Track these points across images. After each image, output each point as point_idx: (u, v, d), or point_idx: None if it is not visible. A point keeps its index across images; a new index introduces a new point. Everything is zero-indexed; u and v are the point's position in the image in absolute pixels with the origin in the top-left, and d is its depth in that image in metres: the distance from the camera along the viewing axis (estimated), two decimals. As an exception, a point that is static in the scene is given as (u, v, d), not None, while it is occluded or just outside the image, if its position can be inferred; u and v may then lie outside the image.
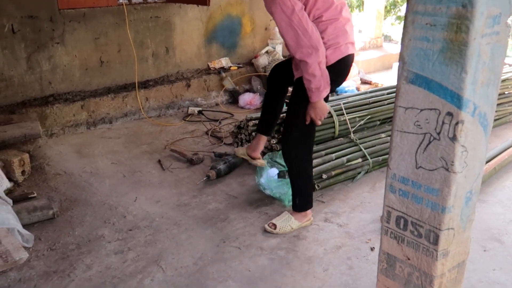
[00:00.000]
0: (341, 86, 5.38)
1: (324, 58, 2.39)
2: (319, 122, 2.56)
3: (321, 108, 2.50)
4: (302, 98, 2.52)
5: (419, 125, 1.29)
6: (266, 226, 2.77)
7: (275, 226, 2.76)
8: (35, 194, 3.11)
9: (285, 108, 2.87)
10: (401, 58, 1.29)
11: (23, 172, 3.39)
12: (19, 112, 4.00)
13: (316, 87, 2.40)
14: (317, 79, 2.38)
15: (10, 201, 2.84)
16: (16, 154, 3.41)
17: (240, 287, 2.32)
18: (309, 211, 2.83)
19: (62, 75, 4.38)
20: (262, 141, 3.02)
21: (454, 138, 1.22)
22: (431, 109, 1.25)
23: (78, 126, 4.38)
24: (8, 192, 3.11)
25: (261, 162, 3.07)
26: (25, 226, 2.71)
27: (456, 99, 1.19)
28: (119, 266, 2.48)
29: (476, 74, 1.17)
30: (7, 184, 3.18)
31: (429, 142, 1.27)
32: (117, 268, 2.46)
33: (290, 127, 2.66)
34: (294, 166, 2.71)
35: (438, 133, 1.25)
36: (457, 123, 1.20)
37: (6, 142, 3.50)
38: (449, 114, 1.21)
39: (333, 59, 2.47)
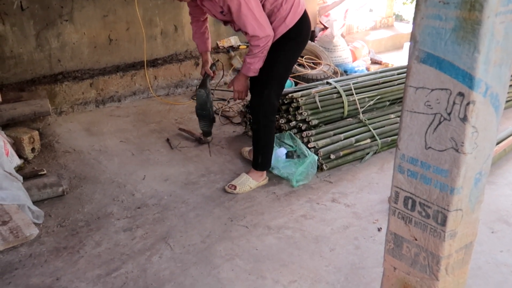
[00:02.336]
0: (351, 66, 5.34)
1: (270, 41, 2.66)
2: (236, 96, 2.91)
3: (244, 84, 2.84)
4: (273, 59, 2.74)
5: (429, 105, 1.27)
6: (226, 187, 2.98)
7: (234, 187, 2.96)
8: (45, 171, 3.14)
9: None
10: (413, 37, 1.26)
11: (33, 150, 3.41)
12: (29, 89, 4.01)
13: (251, 64, 2.69)
14: (256, 59, 2.68)
15: (21, 178, 2.86)
16: (26, 131, 3.43)
17: (247, 265, 2.34)
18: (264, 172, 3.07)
19: (71, 53, 4.38)
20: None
21: (465, 119, 1.20)
22: (442, 89, 1.23)
23: (87, 104, 4.39)
24: (18, 169, 3.14)
25: None
26: (35, 202, 2.75)
27: (468, 79, 1.16)
28: (127, 243, 2.51)
29: (489, 53, 1.15)
30: (17, 161, 3.21)
31: (439, 123, 1.26)
32: (125, 245, 2.49)
33: (262, 85, 2.82)
34: (262, 124, 2.90)
35: (449, 114, 1.23)
36: (468, 104, 1.18)
37: (16, 119, 3.52)
38: (461, 94, 1.19)
39: (291, 23, 2.72)
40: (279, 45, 2.74)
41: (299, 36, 2.81)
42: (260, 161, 3.00)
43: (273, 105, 2.89)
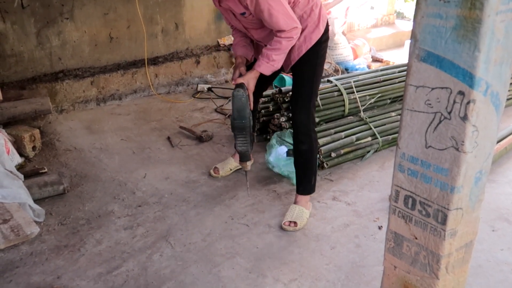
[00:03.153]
0: (352, 64, 5.34)
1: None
2: (250, 94, 2.51)
3: (253, 80, 2.49)
4: (313, 67, 2.57)
5: (429, 104, 1.27)
6: (285, 226, 2.61)
7: (295, 223, 2.61)
8: (45, 170, 3.14)
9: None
10: (413, 36, 1.26)
11: (33, 148, 3.42)
12: (30, 87, 4.02)
13: (273, 61, 2.42)
14: (282, 56, 2.43)
15: (22, 176, 2.87)
16: (27, 129, 3.43)
17: (247, 264, 2.34)
18: None
19: (72, 51, 4.38)
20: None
21: (465, 118, 1.20)
22: (442, 88, 1.22)
23: (88, 102, 4.39)
24: (19, 167, 3.14)
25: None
26: (36, 201, 2.75)
27: (468, 78, 1.16)
28: (128, 241, 2.52)
29: (490, 52, 1.15)
30: (18, 159, 3.21)
31: (440, 121, 1.25)
32: (126, 243, 2.50)
33: (307, 97, 2.59)
34: (314, 139, 2.66)
35: (449, 112, 1.23)
36: (468, 102, 1.18)
37: (17, 117, 3.52)
38: (461, 93, 1.19)
39: (323, 27, 2.56)
40: (314, 51, 2.54)
41: (327, 38, 2.64)
42: (314, 182, 2.72)
43: (315, 116, 2.70)
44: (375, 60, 5.84)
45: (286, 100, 3.43)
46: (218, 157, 3.42)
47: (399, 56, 5.94)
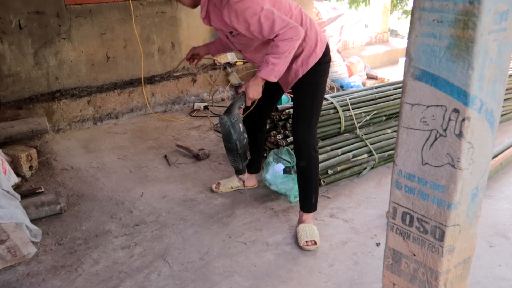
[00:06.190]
0: (347, 81, 5.38)
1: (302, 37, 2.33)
2: (250, 102, 2.46)
3: (259, 90, 2.43)
4: (313, 86, 2.56)
5: (425, 122, 1.29)
6: (304, 246, 2.58)
7: (314, 242, 2.59)
8: (42, 189, 3.13)
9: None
10: (408, 55, 1.28)
11: (30, 167, 3.41)
12: (26, 107, 4.03)
13: (272, 65, 2.31)
14: (282, 60, 2.30)
15: (18, 196, 2.86)
16: (24, 149, 3.43)
17: (245, 282, 2.33)
18: None
19: (69, 71, 4.40)
20: (253, 177, 3.21)
21: (460, 135, 1.22)
22: (437, 106, 1.25)
23: (85, 122, 4.40)
24: (16, 187, 3.14)
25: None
26: (33, 221, 2.74)
27: (463, 96, 1.18)
28: (126, 261, 2.50)
29: (483, 70, 1.17)
30: (15, 179, 3.20)
31: (435, 139, 1.27)
32: (124, 263, 2.48)
33: (308, 115, 2.59)
34: (313, 158, 2.66)
35: (445, 130, 1.25)
36: (463, 120, 1.20)
37: (14, 137, 3.52)
38: (456, 110, 1.21)
39: (320, 51, 2.52)
40: (312, 72, 2.52)
41: (328, 60, 2.59)
42: (314, 200, 2.72)
43: (316, 135, 2.70)
44: (370, 77, 5.90)
45: (283, 118, 3.45)
46: (215, 175, 3.42)
47: (394, 73, 6.00)
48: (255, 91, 2.42)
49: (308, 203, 2.73)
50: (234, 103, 2.46)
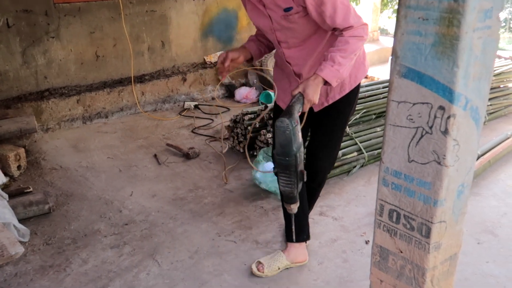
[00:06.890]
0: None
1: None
2: (308, 107, 1.92)
3: (318, 91, 1.92)
4: (344, 119, 2.30)
5: (411, 119, 1.29)
6: (257, 271, 2.37)
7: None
8: (31, 189, 3.11)
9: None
10: (394, 52, 1.29)
11: (19, 167, 3.39)
12: (15, 106, 4.00)
13: (340, 66, 1.92)
14: (348, 61, 1.94)
15: (6, 195, 2.84)
16: (12, 149, 3.41)
17: (235, 281, 2.33)
18: None
19: (58, 70, 4.37)
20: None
21: (446, 132, 1.22)
22: (423, 103, 1.25)
23: (74, 121, 4.37)
24: (4, 187, 3.11)
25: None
26: (21, 220, 2.72)
27: (448, 93, 1.19)
28: (115, 260, 2.49)
29: (468, 68, 1.18)
30: (3, 179, 3.18)
31: (422, 136, 1.28)
32: (113, 262, 2.47)
33: (335, 144, 2.36)
34: (323, 184, 2.51)
35: (430, 127, 1.25)
36: (449, 117, 1.20)
37: (2, 137, 3.50)
38: (441, 108, 1.21)
39: (368, 66, 2.32)
40: (349, 98, 2.23)
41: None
42: (307, 229, 2.50)
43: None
44: (360, 76, 5.90)
45: (272, 116, 3.45)
46: (205, 174, 3.42)
47: (384, 72, 6.02)
48: (315, 93, 1.91)
49: (306, 233, 2.49)
50: (293, 104, 1.86)
